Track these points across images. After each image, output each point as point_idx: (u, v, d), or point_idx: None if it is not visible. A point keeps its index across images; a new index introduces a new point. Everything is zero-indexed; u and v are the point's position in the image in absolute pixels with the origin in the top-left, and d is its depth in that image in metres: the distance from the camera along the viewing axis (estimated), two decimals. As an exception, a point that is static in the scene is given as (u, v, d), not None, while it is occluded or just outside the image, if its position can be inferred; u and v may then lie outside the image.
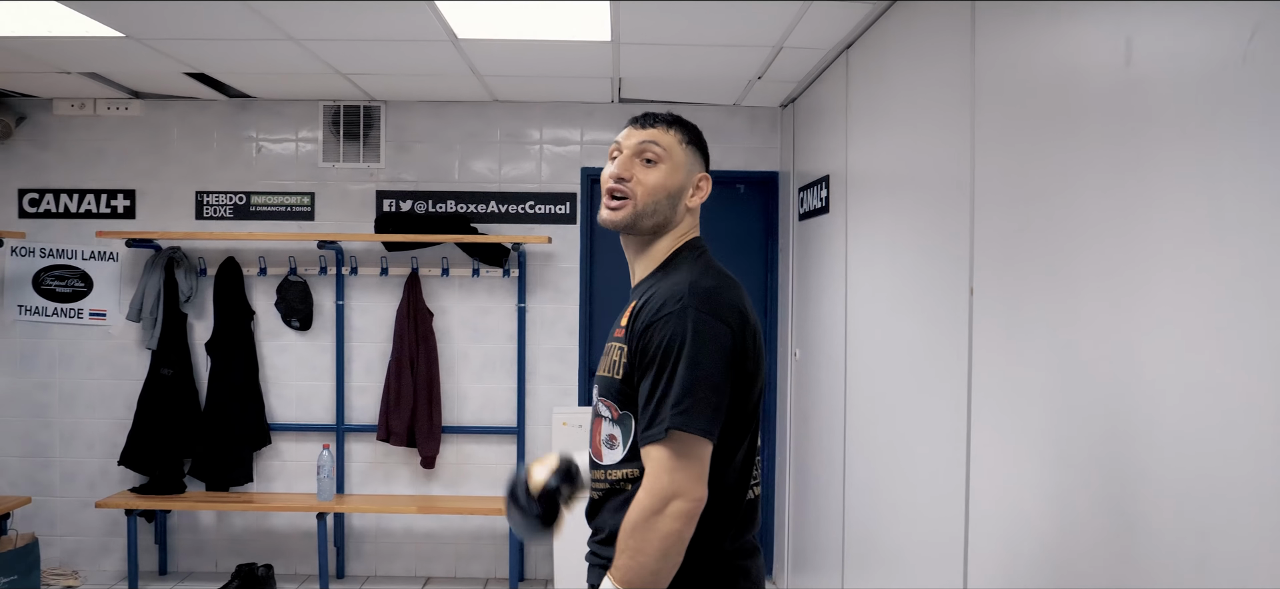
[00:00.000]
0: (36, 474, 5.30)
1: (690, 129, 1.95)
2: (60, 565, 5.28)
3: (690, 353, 1.70)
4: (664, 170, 1.88)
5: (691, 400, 1.68)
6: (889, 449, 3.24)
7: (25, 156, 5.23)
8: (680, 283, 1.79)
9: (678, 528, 1.68)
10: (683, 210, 1.92)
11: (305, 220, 5.20)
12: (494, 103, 5.17)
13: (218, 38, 3.90)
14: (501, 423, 5.25)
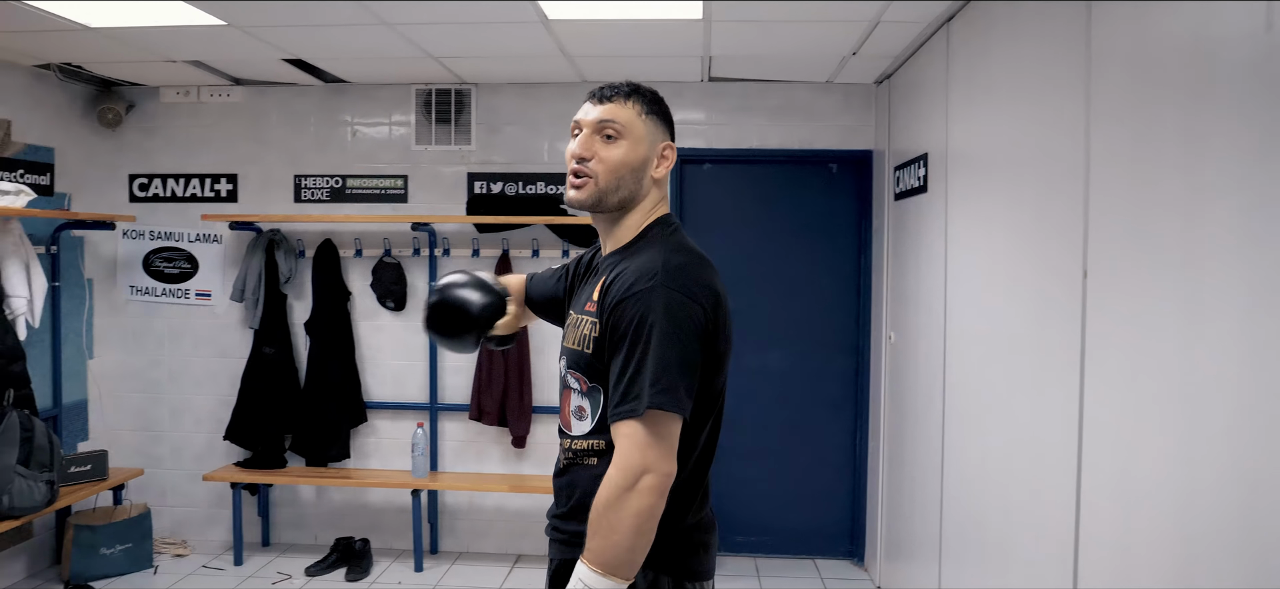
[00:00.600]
0: (148, 447, 5.52)
1: (650, 98, 1.91)
2: (170, 534, 5.50)
3: (663, 331, 1.69)
4: (625, 145, 1.85)
5: (668, 379, 1.68)
6: (992, 438, 3.13)
7: (135, 143, 5.43)
8: (653, 260, 1.77)
9: (650, 503, 1.67)
10: (649, 183, 1.90)
11: (399, 203, 5.28)
12: (582, 84, 5.15)
13: (315, 24, 3.97)
14: (591, 404, 5.25)
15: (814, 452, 5.27)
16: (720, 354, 1.81)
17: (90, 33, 4.09)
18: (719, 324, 1.79)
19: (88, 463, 4.93)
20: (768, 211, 5.25)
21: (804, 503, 5.28)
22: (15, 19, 3.85)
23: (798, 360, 5.25)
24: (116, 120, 5.29)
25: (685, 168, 5.23)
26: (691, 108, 5.15)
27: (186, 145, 5.39)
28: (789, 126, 5.11)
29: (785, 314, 5.24)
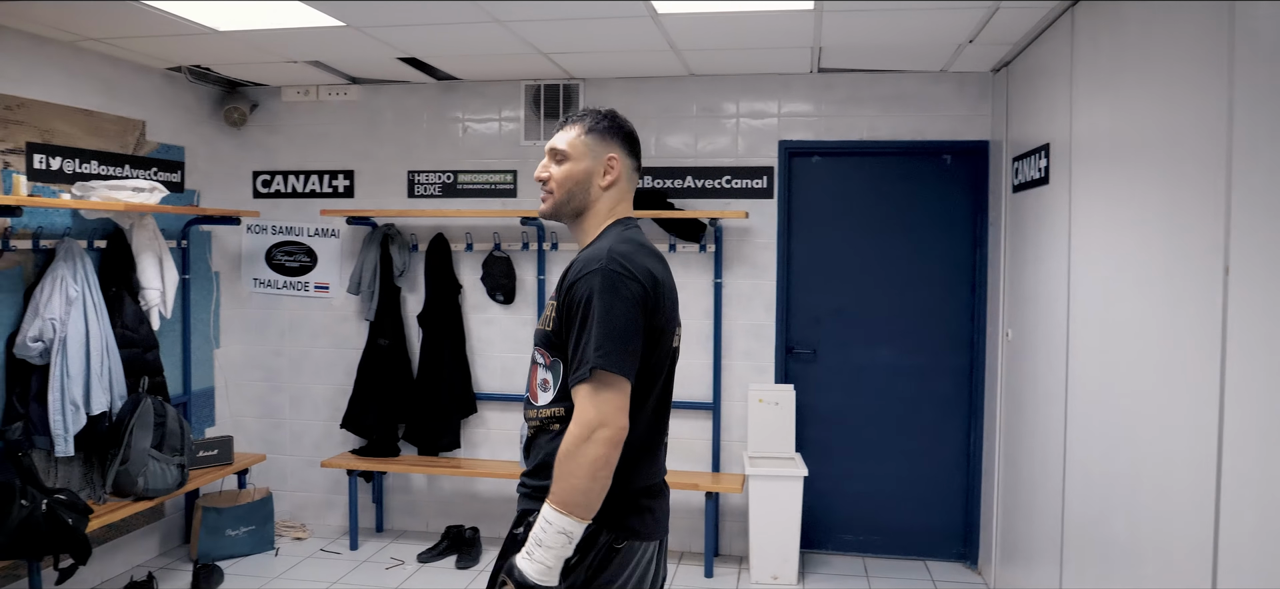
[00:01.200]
0: (269, 434, 5.75)
1: (595, 118, 2.19)
2: (290, 518, 5.72)
3: (605, 303, 1.95)
4: (570, 164, 2.15)
5: (610, 344, 1.93)
6: (1120, 440, 2.99)
7: (258, 141, 5.65)
8: (600, 249, 2.04)
9: (604, 453, 1.91)
10: (598, 190, 2.17)
11: (508, 197, 5.36)
12: (689, 77, 5.14)
13: (429, 23, 4.05)
14: (697, 398, 5.24)
15: (925, 450, 5.14)
16: (658, 329, 2.04)
17: (219, 36, 4.27)
18: (657, 301, 2.03)
19: (215, 448, 5.16)
20: (878, 205, 5.14)
21: (914, 503, 5.16)
22: (151, 24, 4.05)
23: (908, 356, 5.12)
24: (241, 120, 5.52)
25: (794, 161, 5.15)
26: (800, 100, 5.08)
27: (306, 143, 5.59)
28: (900, 117, 4.99)
29: (896, 310, 5.13)
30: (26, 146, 4.28)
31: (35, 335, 4.17)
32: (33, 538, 3.84)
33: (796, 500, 4.76)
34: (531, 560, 1.93)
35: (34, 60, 4.31)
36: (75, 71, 4.54)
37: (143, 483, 4.54)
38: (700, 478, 5.10)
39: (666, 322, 2.08)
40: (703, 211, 5.02)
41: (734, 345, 5.20)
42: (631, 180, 2.22)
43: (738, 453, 5.21)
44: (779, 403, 5.04)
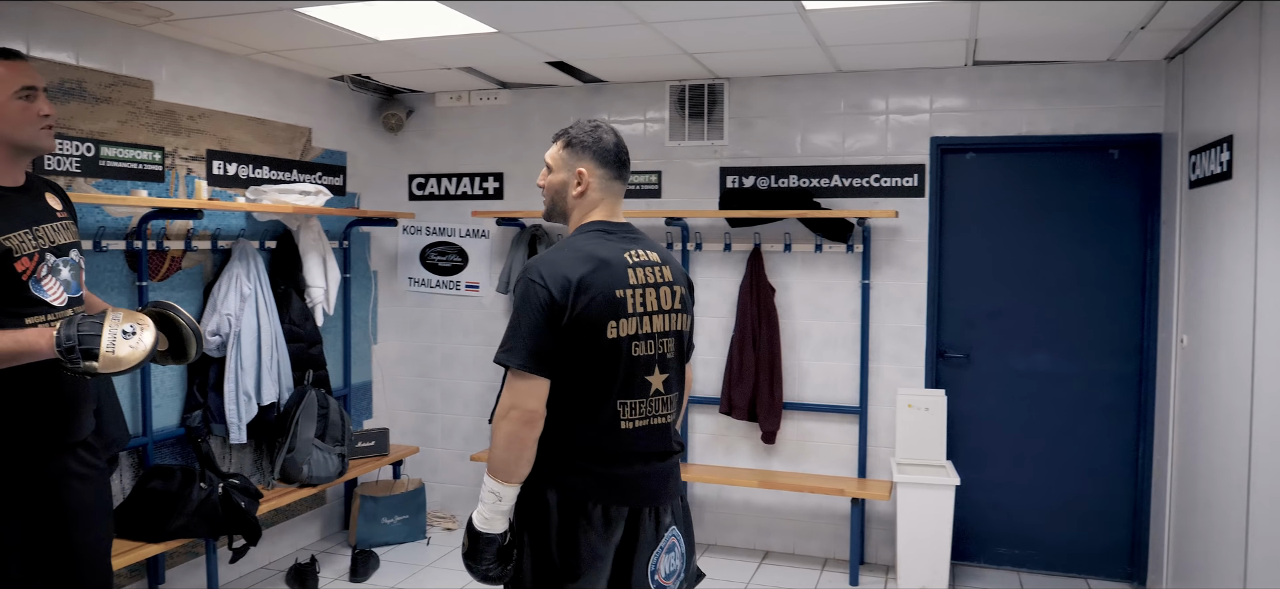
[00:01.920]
0: (422, 427, 5.97)
1: (572, 135, 2.46)
2: (441, 509, 5.91)
3: (516, 308, 2.29)
4: (552, 175, 2.47)
5: (515, 342, 2.25)
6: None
7: (413, 145, 5.87)
8: (536, 259, 2.35)
9: (512, 429, 2.24)
10: (572, 198, 2.45)
11: (653, 198, 5.38)
12: (837, 74, 5.03)
13: (578, 26, 4.11)
14: (843, 402, 5.13)
15: (1088, 462, 4.87)
16: (587, 322, 2.27)
17: (379, 46, 4.45)
18: (568, 302, 2.26)
19: (372, 439, 5.38)
20: (1037, 202, 4.90)
21: (1076, 517, 4.89)
22: (319, 36, 4.26)
23: (1070, 363, 4.86)
24: (398, 125, 5.75)
25: (946, 158, 4.97)
26: (952, 94, 4.90)
27: (458, 146, 5.77)
28: (1062, 110, 4.75)
29: (1056, 313, 4.88)
30: (207, 153, 4.57)
31: (213, 329, 4.45)
32: (210, 518, 4.10)
33: (948, 510, 4.59)
34: (477, 513, 2.32)
35: (215, 73, 4.60)
36: (250, 83, 4.82)
37: (307, 471, 4.78)
38: (846, 483, 4.99)
39: (594, 318, 2.28)
40: (850, 211, 4.91)
41: (882, 349, 5.06)
42: (606, 188, 2.44)
43: (885, 459, 5.07)
44: (929, 408, 4.87)
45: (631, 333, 2.33)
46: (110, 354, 2.39)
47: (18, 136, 2.53)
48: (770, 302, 5.12)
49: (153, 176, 4.26)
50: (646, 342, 2.36)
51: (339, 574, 4.92)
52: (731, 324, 5.21)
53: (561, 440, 2.30)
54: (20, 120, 2.52)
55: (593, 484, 2.32)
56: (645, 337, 2.36)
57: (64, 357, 2.39)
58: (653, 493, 2.39)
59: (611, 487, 2.33)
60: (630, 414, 2.35)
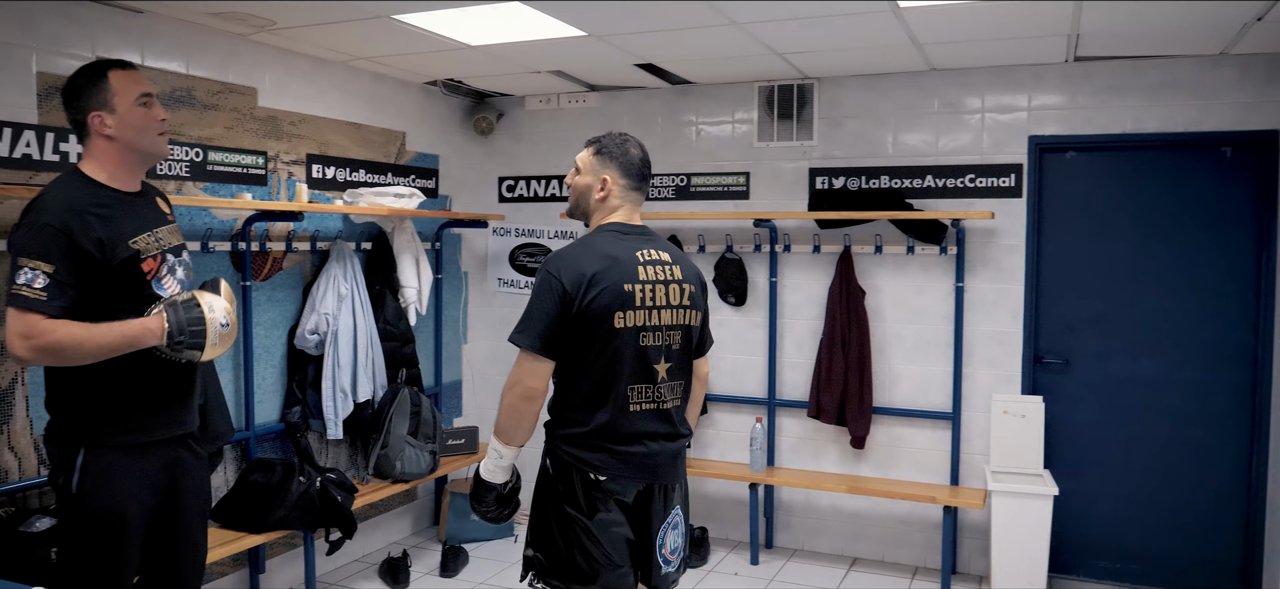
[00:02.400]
0: (511, 427, 6.03)
1: (602, 143, 2.72)
2: (529, 508, 5.95)
3: (532, 295, 2.56)
4: (579, 177, 2.74)
5: (525, 325, 2.54)
6: None
7: (503, 148, 5.95)
8: (556, 253, 2.62)
9: (514, 402, 2.57)
10: (594, 201, 2.71)
11: (741, 199, 5.35)
12: (930, 72, 4.92)
13: (668, 28, 4.11)
14: (935, 407, 5.02)
15: (1196, 473, 4.66)
16: (595, 312, 2.53)
17: (471, 50, 4.52)
18: (580, 293, 2.52)
19: (462, 437, 5.47)
20: (1142, 203, 4.71)
21: (1182, 531, 4.69)
22: (413, 42, 4.35)
23: (1177, 370, 4.66)
24: (489, 128, 5.84)
25: (1045, 157, 4.82)
26: (1051, 91, 4.75)
27: (547, 149, 5.83)
28: (1170, 107, 4.56)
29: (1162, 319, 4.68)
30: (306, 158, 4.72)
31: (312, 328, 4.59)
32: (308, 511, 4.22)
33: (1045, 520, 4.45)
34: (483, 465, 2.68)
35: (314, 80, 4.74)
36: (348, 89, 4.96)
37: (400, 467, 4.88)
38: (938, 491, 4.88)
39: (603, 309, 2.54)
40: (944, 212, 4.80)
41: (976, 353, 4.94)
42: (626, 196, 2.70)
43: (978, 467, 4.94)
44: (1026, 415, 4.73)
45: (640, 324, 2.60)
46: (213, 347, 2.63)
47: (139, 142, 2.68)
48: (860, 304, 5.04)
49: (256, 180, 4.41)
50: (655, 333, 2.63)
51: (429, 569, 5.02)
52: (820, 327, 5.14)
53: (579, 421, 2.59)
54: (140, 126, 2.67)
55: (608, 459, 2.59)
56: (653, 328, 2.62)
57: (171, 345, 2.57)
58: (661, 471, 2.67)
59: (624, 463, 2.60)
60: (638, 398, 2.61)
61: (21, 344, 2.46)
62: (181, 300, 2.63)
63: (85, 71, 2.67)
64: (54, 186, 2.61)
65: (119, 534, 2.62)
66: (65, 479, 2.61)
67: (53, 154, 3.54)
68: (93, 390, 2.60)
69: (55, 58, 3.56)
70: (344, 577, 4.89)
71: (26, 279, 2.45)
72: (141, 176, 2.78)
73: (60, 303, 2.49)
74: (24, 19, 3.47)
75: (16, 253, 2.49)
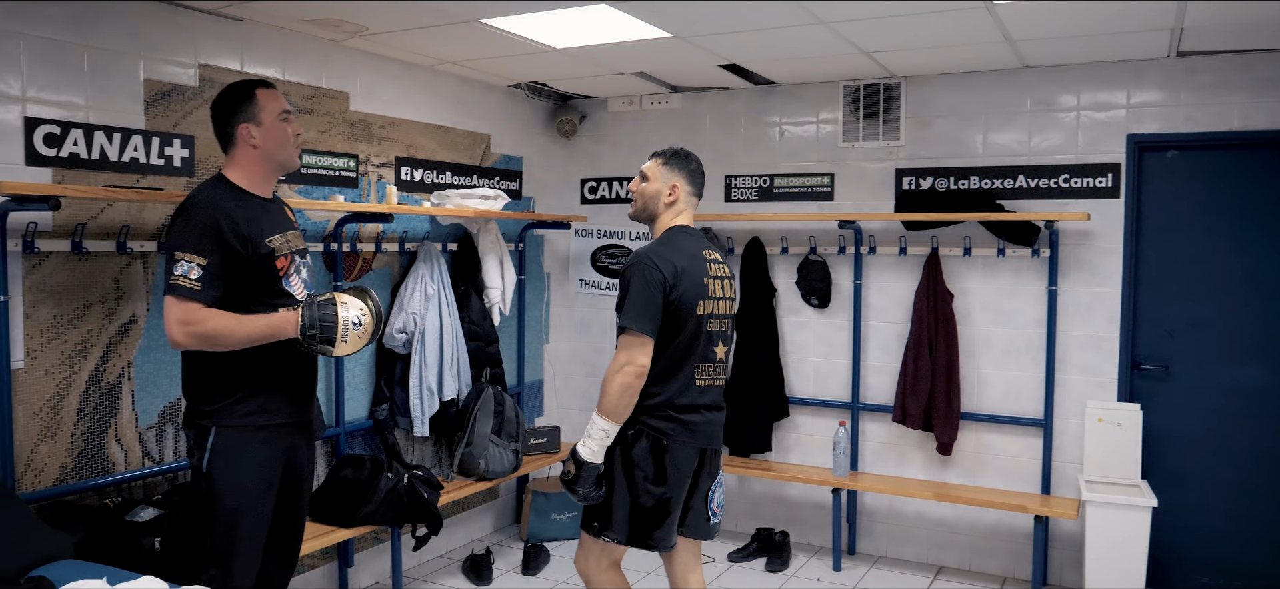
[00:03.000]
0: (592, 427, 6.07)
1: (668, 154, 3.18)
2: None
3: (636, 284, 2.92)
4: (647, 183, 3.16)
5: (633, 311, 2.90)
6: None
7: (585, 150, 5.99)
8: (645, 249, 3.02)
9: (627, 380, 2.88)
10: (662, 205, 3.14)
11: (824, 200, 5.29)
12: (1023, 69, 4.80)
13: (754, 28, 4.08)
14: (1025, 413, 4.89)
15: (1306, 487, 4.45)
16: (679, 301, 2.95)
17: (557, 53, 4.56)
18: (676, 284, 2.95)
19: (544, 436, 5.52)
20: (1249, 204, 4.51)
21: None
22: (501, 45, 4.41)
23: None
24: (572, 130, 5.88)
25: (1145, 156, 4.66)
26: (1153, 88, 4.58)
27: (630, 150, 5.84)
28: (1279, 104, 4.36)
29: (1269, 325, 4.48)
30: (395, 160, 4.81)
31: (400, 328, 4.68)
32: (396, 507, 4.30)
33: (1143, 533, 4.29)
34: (584, 447, 2.94)
35: (403, 84, 4.84)
36: (436, 92, 5.04)
37: (484, 465, 4.95)
38: (1028, 499, 4.75)
39: (689, 298, 2.98)
40: (1037, 213, 4.67)
41: (1069, 359, 4.79)
42: (688, 201, 3.17)
43: (1071, 476, 4.80)
44: (1122, 424, 4.57)
45: (709, 312, 3.06)
46: (344, 343, 2.86)
47: (279, 154, 2.98)
48: (948, 307, 4.93)
49: (347, 182, 4.52)
50: (716, 321, 3.09)
51: (512, 567, 5.07)
52: (905, 330, 5.05)
53: (652, 394, 2.99)
54: (281, 139, 2.98)
55: (675, 427, 3.02)
56: (715, 317, 3.08)
57: (304, 339, 2.81)
58: (714, 437, 3.15)
59: (688, 430, 3.04)
60: (701, 376, 3.06)
61: (180, 329, 2.72)
62: (320, 299, 2.86)
63: (236, 88, 2.96)
64: (204, 190, 2.90)
65: (244, 510, 2.88)
66: (198, 458, 2.89)
67: (158, 158, 3.68)
68: (226, 374, 2.85)
69: (161, 65, 3.70)
70: (428, 572, 4.98)
71: (184, 271, 2.72)
72: (274, 184, 3.06)
73: (214, 293, 2.76)
74: (134, 28, 3.61)
75: (174, 247, 2.76)
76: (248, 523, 2.90)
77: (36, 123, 3.30)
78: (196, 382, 2.91)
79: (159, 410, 3.76)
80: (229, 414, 2.87)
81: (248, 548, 2.91)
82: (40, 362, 3.36)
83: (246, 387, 2.89)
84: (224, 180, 2.95)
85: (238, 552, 2.88)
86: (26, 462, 3.33)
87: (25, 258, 3.30)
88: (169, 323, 2.74)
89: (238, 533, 2.88)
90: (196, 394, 2.91)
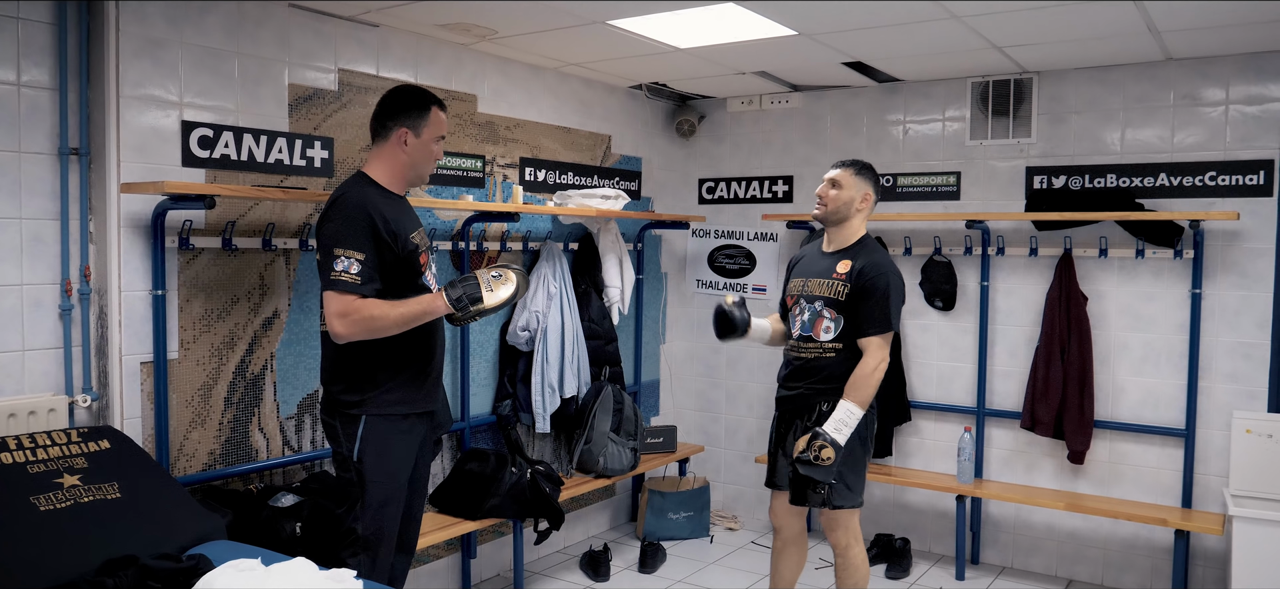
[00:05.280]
0: (707, 426, 6.08)
1: (857, 165, 3.61)
2: (723, 508, 5.99)
3: (886, 292, 3.45)
4: (841, 191, 3.58)
5: (890, 316, 3.46)
6: None
7: (704, 150, 5.99)
8: (882, 260, 3.53)
9: (881, 375, 3.44)
10: (854, 210, 3.59)
11: (950, 200, 5.16)
12: (1166, 62, 4.58)
13: (881, 24, 4.01)
14: (1165, 423, 4.67)
15: None
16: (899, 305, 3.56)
17: (679, 53, 4.58)
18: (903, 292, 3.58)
19: (660, 435, 5.55)
20: None
21: None
22: (625, 46, 4.45)
23: None
24: (690, 131, 5.89)
25: (1299, 153, 4.39)
26: (1310, 81, 4.32)
27: (749, 150, 5.82)
28: None
29: None
30: (520, 161, 4.91)
31: (523, 325, 4.77)
32: (519, 501, 4.38)
33: (1297, 552, 4.05)
34: (838, 433, 3.38)
35: (528, 87, 4.93)
36: (559, 94, 5.13)
37: (603, 462, 5.00)
38: (1168, 513, 4.54)
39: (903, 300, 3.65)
40: (1180, 213, 4.45)
41: (1214, 366, 4.55)
42: (873, 208, 3.66)
43: (1215, 489, 4.56)
44: (1273, 435, 4.31)
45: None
46: (490, 293, 2.93)
47: (421, 168, 3.10)
48: (1081, 310, 4.75)
49: (474, 183, 4.63)
50: None
51: (628, 564, 5.11)
52: (1036, 334, 4.89)
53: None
54: (428, 157, 3.10)
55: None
56: None
57: (456, 307, 2.90)
58: None
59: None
60: None
61: (341, 322, 2.83)
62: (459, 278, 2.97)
63: (414, 92, 3.08)
64: (352, 188, 2.98)
65: (392, 496, 3.00)
66: (347, 447, 2.99)
67: (300, 159, 3.84)
68: (371, 364, 2.96)
69: (304, 71, 3.87)
70: (548, 566, 5.06)
71: (344, 266, 2.82)
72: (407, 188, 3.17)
73: (374, 286, 2.87)
74: (281, 35, 3.78)
75: (332, 243, 2.86)
76: (393, 509, 3.02)
77: (192, 126, 3.49)
78: (343, 371, 3.00)
79: (298, 401, 3.93)
80: (378, 403, 2.97)
81: (391, 534, 3.02)
82: (192, 352, 3.55)
83: (391, 376, 2.98)
84: (367, 178, 3.03)
85: (385, 537, 3.00)
86: (179, 447, 3.53)
87: (180, 254, 3.49)
88: (330, 317, 2.85)
89: (385, 518, 3.00)
90: (343, 384, 3.00)
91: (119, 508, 2.77)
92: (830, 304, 3.52)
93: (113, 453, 2.96)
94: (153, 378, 3.41)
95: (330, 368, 3.05)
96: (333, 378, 3.04)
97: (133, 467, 2.96)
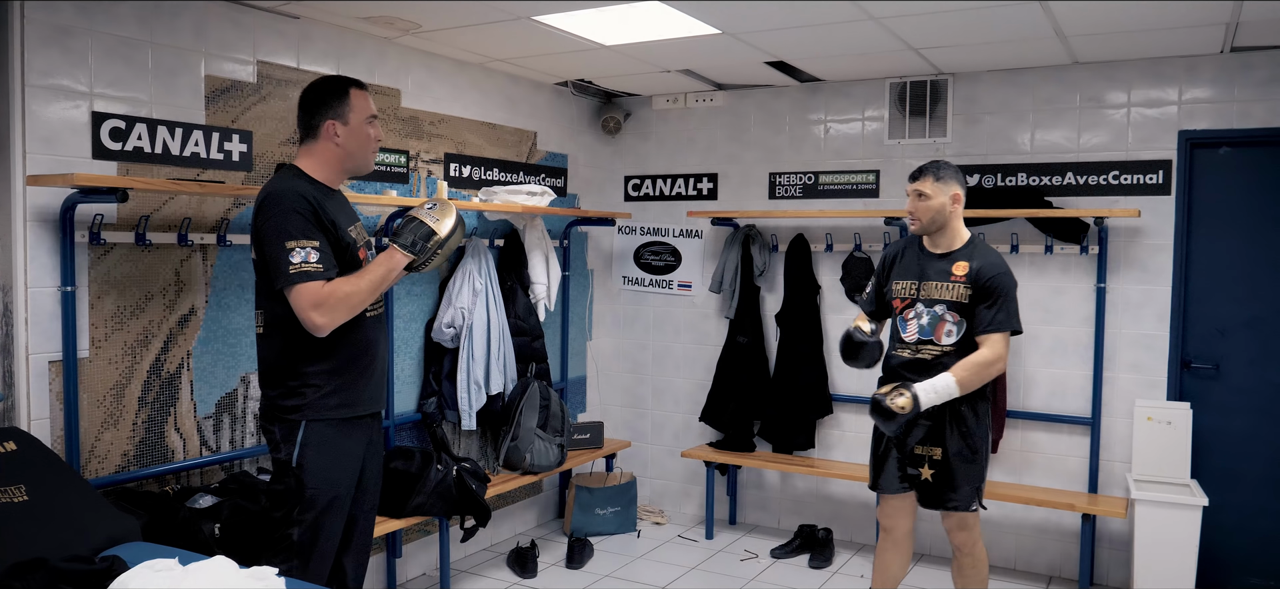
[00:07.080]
0: (633, 422, 6.11)
1: (935, 169, 3.54)
2: (650, 503, 6.04)
3: (1008, 292, 3.46)
4: (928, 201, 3.52)
5: (1016, 317, 3.49)
6: None
7: (630, 147, 6.03)
8: (997, 259, 3.52)
9: (999, 370, 3.46)
10: (949, 212, 3.53)
11: (870, 197, 5.29)
12: (1073, 65, 4.77)
13: (802, 25, 4.09)
14: (1072, 412, 4.86)
15: (1362, 489, 4.39)
16: None
17: (605, 50, 4.60)
18: None
19: (587, 431, 5.56)
20: (1304, 202, 4.46)
21: (1346, 549, 4.42)
22: (551, 43, 4.45)
23: (1342, 379, 4.40)
24: (616, 128, 5.92)
25: (1196, 153, 4.61)
26: (1206, 84, 4.53)
27: (674, 147, 5.87)
28: (1337, 100, 4.31)
29: (1325, 323, 4.43)
30: (445, 157, 4.87)
31: (448, 322, 4.74)
32: (445, 498, 4.35)
33: (1193, 533, 4.25)
34: (926, 396, 3.39)
35: (454, 82, 4.90)
36: (485, 90, 5.11)
37: (529, 459, 4.99)
38: (1075, 498, 4.72)
39: None
40: (1085, 210, 4.64)
41: (1118, 357, 4.76)
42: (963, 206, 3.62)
43: (1119, 475, 4.76)
44: (1172, 422, 4.53)
45: None
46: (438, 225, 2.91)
47: (359, 156, 2.97)
48: (995, 305, 4.91)
49: (398, 178, 4.59)
50: None
51: (556, 560, 5.11)
52: (952, 328, 5.04)
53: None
54: (364, 142, 2.96)
55: None
56: None
57: (413, 252, 2.86)
58: None
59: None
60: None
61: (317, 313, 2.72)
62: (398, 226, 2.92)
63: (330, 83, 2.95)
64: (283, 181, 2.85)
65: (332, 503, 2.88)
66: (286, 452, 2.85)
67: (217, 153, 3.76)
68: (310, 367, 2.83)
69: (221, 62, 3.79)
70: (474, 564, 5.04)
71: (303, 257, 2.71)
72: (344, 182, 3.07)
73: (335, 271, 2.78)
74: (197, 25, 3.70)
75: (281, 238, 2.72)
76: (334, 516, 2.89)
77: (103, 117, 3.39)
78: (281, 375, 2.87)
79: (216, 400, 3.84)
80: (318, 407, 2.84)
81: (329, 541, 2.90)
82: (104, 351, 3.45)
83: (330, 378, 2.85)
84: (299, 171, 2.92)
85: (320, 544, 2.87)
86: (91, 448, 3.42)
87: (91, 249, 3.39)
88: (305, 312, 2.72)
89: (323, 525, 2.87)
90: (281, 388, 2.87)
91: (26, 511, 2.69)
92: (953, 307, 3.47)
93: (19, 455, 2.86)
94: (62, 377, 3.31)
95: (267, 372, 2.91)
96: (270, 382, 2.90)
97: (41, 468, 2.87)
